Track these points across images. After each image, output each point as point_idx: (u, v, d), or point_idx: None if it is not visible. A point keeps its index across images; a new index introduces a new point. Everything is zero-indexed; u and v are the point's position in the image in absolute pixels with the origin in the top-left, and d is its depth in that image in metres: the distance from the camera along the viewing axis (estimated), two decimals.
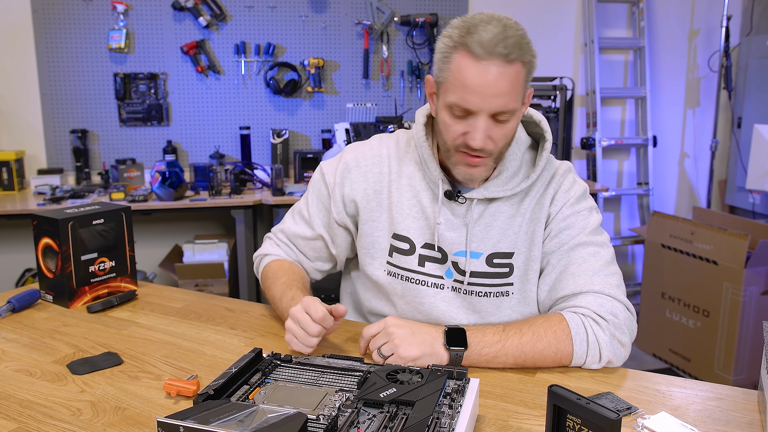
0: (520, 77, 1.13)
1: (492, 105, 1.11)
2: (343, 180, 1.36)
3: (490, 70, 1.09)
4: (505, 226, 1.28)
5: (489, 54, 1.09)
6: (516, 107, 1.14)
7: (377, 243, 1.35)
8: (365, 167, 1.36)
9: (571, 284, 1.22)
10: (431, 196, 1.30)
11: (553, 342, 1.15)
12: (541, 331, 1.16)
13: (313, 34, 3.73)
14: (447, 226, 1.28)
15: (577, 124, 4.10)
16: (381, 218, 1.34)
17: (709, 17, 4.18)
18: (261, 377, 0.99)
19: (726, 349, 2.86)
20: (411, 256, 1.31)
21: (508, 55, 1.09)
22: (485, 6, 3.89)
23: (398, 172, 1.33)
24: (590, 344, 1.15)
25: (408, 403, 0.88)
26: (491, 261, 1.28)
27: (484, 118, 1.13)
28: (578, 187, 1.30)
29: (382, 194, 1.34)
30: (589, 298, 1.19)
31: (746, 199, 3.94)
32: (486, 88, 1.10)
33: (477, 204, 1.27)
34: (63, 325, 1.37)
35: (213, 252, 3.41)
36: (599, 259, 1.23)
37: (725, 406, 1.02)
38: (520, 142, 1.29)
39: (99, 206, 1.54)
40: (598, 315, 1.17)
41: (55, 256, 1.45)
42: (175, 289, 1.63)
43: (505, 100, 1.11)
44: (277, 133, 3.69)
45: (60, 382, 1.10)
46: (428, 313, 1.32)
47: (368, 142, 1.40)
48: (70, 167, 3.56)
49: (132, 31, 3.53)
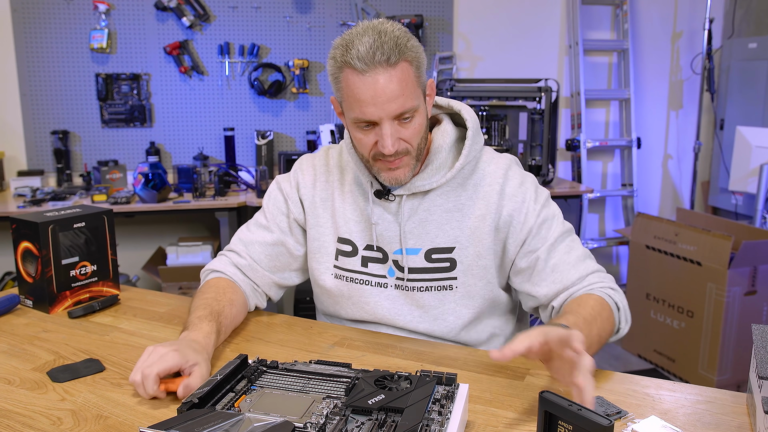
0: (409, 74, 1.16)
1: (390, 110, 1.15)
2: (298, 185, 1.41)
3: (377, 80, 1.13)
4: (442, 221, 1.30)
5: (369, 65, 1.13)
6: (415, 104, 1.17)
7: (323, 248, 1.38)
8: (313, 176, 1.41)
9: (573, 273, 1.26)
10: (367, 198, 1.34)
11: (606, 317, 1.20)
12: (595, 310, 1.19)
13: (297, 34, 3.71)
14: (384, 226, 1.32)
15: (561, 125, 4.11)
16: (327, 224, 1.38)
17: (692, 20, 4.21)
18: (247, 384, 0.97)
19: (710, 350, 2.88)
20: (354, 257, 1.35)
21: (388, 60, 1.13)
22: (469, 9, 3.89)
23: (341, 179, 1.38)
24: (621, 310, 1.24)
25: (397, 410, 0.87)
26: (430, 256, 1.31)
27: (389, 124, 1.16)
28: (530, 179, 1.33)
29: (327, 201, 1.39)
30: (592, 277, 1.27)
31: (729, 200, 3.98)
32: (378, 98, 1.14)
33: (407, 200, 1.30)
34: (43, 331, 1.34)
35: (197, 254, 3.38)
36: (576, 242, 1.31)
37: (714, 409, 1.02)
38: (446, 134, 1.31)
39: (80, 209, 1.51)
40: (611, 288, 1.25)
41: (34, 261, 1.42)
42: (159, 294, 1.60)
43: (401, 101, 1.15)
44: (261, 134, 3.66)
45: (40, 390, 1.07)
46: (373, 312, 1.35)
47: (317, 152, 1.47)
48: (51, 169, 3.50)
49: (114, 31, 3.48)
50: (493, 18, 3.96)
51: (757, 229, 2.99)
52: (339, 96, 1.21)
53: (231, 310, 1.29)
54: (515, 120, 3.51)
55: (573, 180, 4.08)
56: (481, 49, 3.97)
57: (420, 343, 1.29)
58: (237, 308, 1.33)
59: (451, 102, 1.34)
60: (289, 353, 1.23)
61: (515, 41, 4.00)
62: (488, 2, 3.94)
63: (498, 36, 3.97)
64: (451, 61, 3.84)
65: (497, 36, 3.97)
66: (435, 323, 1.34)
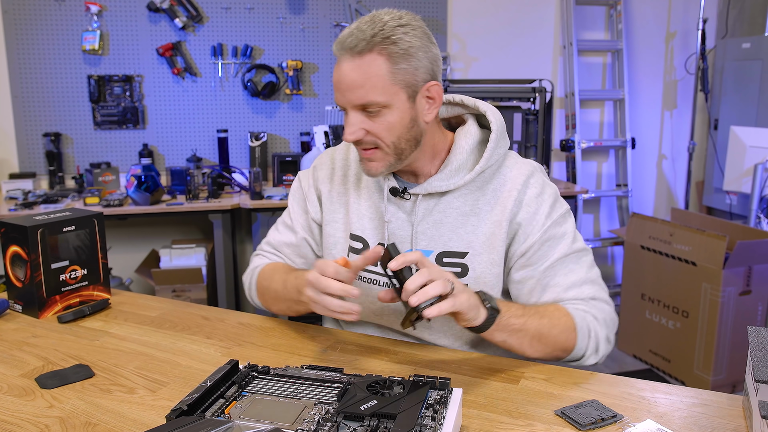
0: (379, 68, 1.11)
1: (349, 98, 1.14)
2: (316, 181, 1.41)
3: (342, 66, 1.13)
4: (457, 224, 1.26)
5: (340, 50, 1.13)
6: (380, 100, 1.13)
7: (338, 244, 1.36)
8: (332, 170, 1.40)
9: (559, 291, 1.23)
10: (382, 195, 1.31)
11: (564, 330, 1.17)
12: (556, 317, 1.17)
13: (291, 35, 3.69)
14: (397, 225, 1.29)
15: (556, 126, 4.11)
16: (341, 219, 1.37)
17: (686, 20, 4.22)
18: (237, 390, 0.96)
19: (705, 350, 2.88)
20: None
21: (354, 48, 1.11)
22: (464, 8, 3.89)
23: (358, 174, 1.36)
24: (591, 338, 1.20)
25: (389, 416, 0.86)
26: (441, 260, 1.26)
27: (353, 113, 1.16)
28: (550, 190, 1.26)
29: (343, 197, 1.37)
30: (581, 304, 1.23)
31: (723, 200, 3.98)
32: (340, 84, 1.14)
33: (423, 200, 1.27)
34: (32, 336, 1.32)
35: (190, 257, 3.36)
36: (582, 265, 1.25)
37: (710, 412, 1.01)
38: (469, 135, 1.26)
39: (70, 213, 1.49)
40: (592, 316, 1.21)
41: (24, 265, 1.40)
42: (150, 297, 1.58)
43: (361, 93, 1.12)
44: (255, 136, 3.64)
45: (27, 397, 1.06)
46: (381, 313, 1.32)
47: (339, 146, 1.43)
48: (43, 171, 3.48)
49: (106, 32, 3.46)
50: (488, 19, 3.95)
51: (751, 229, 2.99)
52: None
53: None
54: (510, 121, 3.50)
55: (568, 180, 4.07)
56: (476, 50, 3.96)
57: (414, 346, 1.27)
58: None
59: (478, 102, 1.29)
60: (282, 357, 1.22)
61: (509, 42, 4.00)
62: (482, 3, 3.93)
63: (492, 36, 3.97)
64: (445, 62, 3.84)
65: (491, 36, 3.97)
66: (441, 330, 1.30)
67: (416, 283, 0.99)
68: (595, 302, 1.24)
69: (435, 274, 1.01)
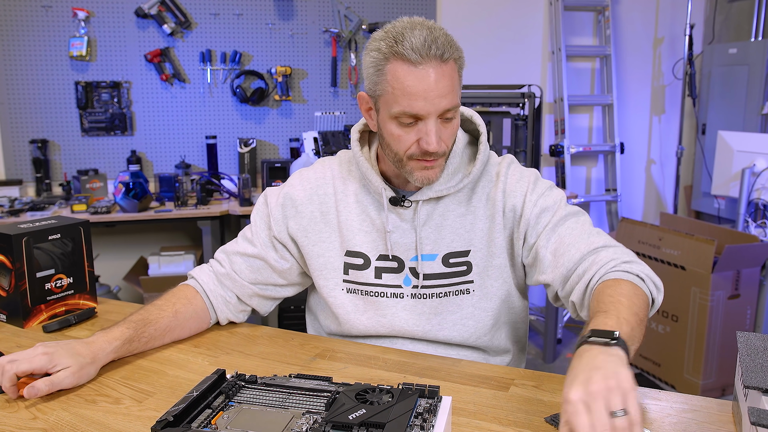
0: (456, 74, 1.17)
1: (439, 106, 1.14)
2: (285, 202, 1.37)
3: (428, 73, 1.12)
4: (457, 225, 1.31)
5: (424, 58, 1.12)
6: (459, 103, 1.19)
7: (329, 263, 1.35)
8: (310, 190, 1.37)
9: (574, 252, 1.22)
10: (378, 207, 1.32)
11: (637, 300, 1.09)
12: (620, 293, 1.08)
13: (280, 41, 3.69)
14: (399, 234, 1.30)
15: (545, 131, 4.12)
16: (331, 238, 1.35)
17: (673, 26, 4.24)
18: (224, 400, 0.95)
19: (695, 354, 2.88)
20: (367, 270, 1.32)
21: (442, 55, 1.13)
22: (453, 14, 3.90)
23: (344, 191, 1.35)
24: (646, 282, 1.16)
25: (378, 425, 0.85)
26: (447, 261, 1.30)
27: (434, 121, 1.16)
28: (528, 173, 1.34)
29: (329, 215, 1.35)
30: (603, 254, 1.20)
31: (711, 204, 4.00)
32: (429, 92, 1.13)
33: (423, 205, 1.29)
34: (17, 346, 1.30)
35: (179, 264, 3.34)
36: (584, 225, 1.28)
37: (700, 418, 1.01)
38: (458, 139, 1.31)
39: (56, 220, 1.48)
40: (623, 262, 1.18)
41: (8, 274, 1.38)
42: (137, 306, 1.56)
43: (450, 98, 1.15)
44: (244, 142, 3.63)
45: (11, 409, 1.04)
46: (390, 325, 1.33)
47: (312, 167, 1.43)
48: (30, 178, 3.45)
49: (94, 38, 3.44)
50: (476, 24, 3.96)
51: (739, 233, 3.01)
52: (379, 90, 1.17)
53: (169, 320, 1.27)
54: (499, 126, 3.50)
55: (557, 185, 4.08)
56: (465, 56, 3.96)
57: (403, 354, 1.27)
58: (180, 319, 1.30)
59: (462, 107, 1.33)
60: (270, 366, 1.21)
61: (498, 47, 4.01)
62: (471, 9, 3.94)
63: (481, 42, 3.98)
64: None
65: (480, 42, 3.97)
66: (454, 329, 1.32)
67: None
68: (612, 249, 1.21)
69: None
